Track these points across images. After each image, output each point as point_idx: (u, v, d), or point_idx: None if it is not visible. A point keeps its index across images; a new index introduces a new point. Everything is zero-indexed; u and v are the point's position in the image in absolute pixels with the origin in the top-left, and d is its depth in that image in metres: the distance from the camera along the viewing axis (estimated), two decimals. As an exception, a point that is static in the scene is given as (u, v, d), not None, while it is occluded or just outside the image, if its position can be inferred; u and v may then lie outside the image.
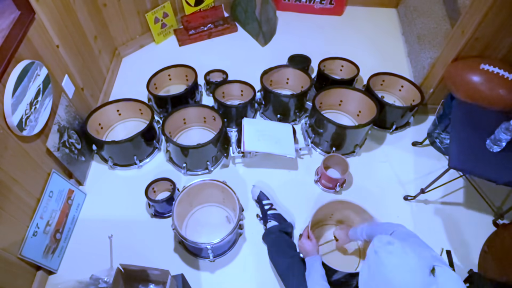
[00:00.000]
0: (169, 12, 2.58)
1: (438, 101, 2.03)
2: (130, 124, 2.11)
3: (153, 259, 1.62)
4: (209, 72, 2.31)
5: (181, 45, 2.65)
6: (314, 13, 2.93)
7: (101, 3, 2.17)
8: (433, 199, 1.85)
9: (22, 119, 1.37)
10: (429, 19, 2.43)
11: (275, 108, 2.10)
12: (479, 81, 1.72)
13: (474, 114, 1.70)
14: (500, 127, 1.50)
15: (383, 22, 2.88)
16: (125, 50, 2.52)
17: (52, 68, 1.63)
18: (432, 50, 2.20)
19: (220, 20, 2.74)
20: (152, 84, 2.17)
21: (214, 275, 1.58)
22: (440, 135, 1.98)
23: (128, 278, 1.32)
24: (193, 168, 1.91)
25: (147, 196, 1.69)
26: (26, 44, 1.44)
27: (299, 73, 2.20)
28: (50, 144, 1.58)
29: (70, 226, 1.69)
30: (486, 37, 1.72)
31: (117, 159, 1.91)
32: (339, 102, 2.16)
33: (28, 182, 1.44)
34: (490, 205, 1.82)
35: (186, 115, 2.03)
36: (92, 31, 2.06)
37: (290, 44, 2.63)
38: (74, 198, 1.73)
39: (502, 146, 1.52)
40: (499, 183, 1.47)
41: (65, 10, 1.76)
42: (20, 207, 1.40)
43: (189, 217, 1.74)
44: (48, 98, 1.56)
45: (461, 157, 1.53)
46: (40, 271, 1.52)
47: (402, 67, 2.50)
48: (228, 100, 2.24)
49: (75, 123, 1.81)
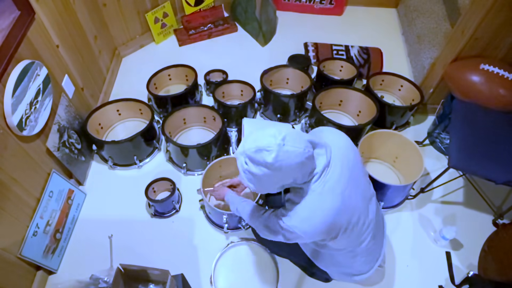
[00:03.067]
0: (169, 12, 2.58)
1: (438, 101, 2.03)
2: (130, 124, 2.11)
3: (153, 259, 1.62)
4: (209, 72, 2.31)
5: (181, 45, 2.65)
6: (314, 13, 2.93)
7: (101, 3, 2.17)
8: (433, 198, 1.85)
9: (22, 119, 1.37)
10: (429, 19, 2.43)
11: (275, 108, 2.10)
12: (479, 81, 1.72)
13: (474, 114, 1.70)
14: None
15: (383, 22, 2.88)
16: (125, 50, 2.52)
17: (52, 68, 1.63)
18: (432, 50, 2.21)
19: (220, 20, 2.74)
20: (152, 84, 2.17)
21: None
22: (440, 135, 1.98)
23: (128, 278, 1.32)
24: (193, 168, 1.91)
25: (147, 196, 1.69)
26: (26, 44, 1.44)
27: (299, 73, 2.20)
28: (50, 144, 1.58)
29: (70, 226, 1.69)
30: (486, 37, 1.72)
31: (117, 159, 1.92)
32: (339, 102, 2.16)
33: (28, 182, 1.44)
34: (490, 205, 1.82)
35: (186, 115, 2.03)
36: (92, 31, 2.06)
37: (290, 44, 2.63)
38: (74, 198, 1.73)
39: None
40: (499, 182, 1.47)
41: (65, 10, 1.76)
42: (20, 207, 1.40)
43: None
44: (48, 98, 1.56)
45: (461, 156, 1.53)
46: (40, 271, 1.52)
47: (402, 67, 2.49)
48: (228, 100, 2.24)
49: (75, 123, 1.81)
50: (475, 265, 1.61)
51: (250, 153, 0.94)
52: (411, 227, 1.74)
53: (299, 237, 1.07)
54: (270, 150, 0.90)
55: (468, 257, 1.65)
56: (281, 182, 0.99)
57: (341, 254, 1.25)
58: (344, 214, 1.06)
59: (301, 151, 0.93)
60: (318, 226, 1.04)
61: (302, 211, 1.04)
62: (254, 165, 0.94)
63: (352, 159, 1.12)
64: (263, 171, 0.93)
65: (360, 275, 1.33)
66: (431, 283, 1.57)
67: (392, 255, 1.65)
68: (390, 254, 1.65)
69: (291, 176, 0.96)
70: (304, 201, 1.04)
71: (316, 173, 1.01)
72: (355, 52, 2.45)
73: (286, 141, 0.91)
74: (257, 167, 0.94)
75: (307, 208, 1.04)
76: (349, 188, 1.06)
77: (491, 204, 1.83)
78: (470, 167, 1.52)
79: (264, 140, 0.92)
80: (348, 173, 1.07)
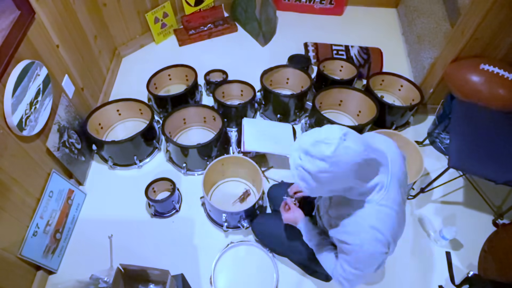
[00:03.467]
0: (169, 12, 2.58)
1: (438, 101, 2.03)
2: (130, 124, 2.11)
3: (153, 259, 1.62)
4: (209, 72, 2.31)
5: (181, 45, 2.65)
6: (314, 13, 2.93)
7: (101, 3, 2.17)
8: (433, 198, 1.85)
9: (22, 119, 1.37)
10: (429, 19, 2.43)
11: (275, 108, 2.10)
12: (479, 81, 1.72)
13: (474, 114, 1.70)
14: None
15: (383, 22, 2.88)
16: (125, 50, 2.52)
17: (52, 68, 1.63)
18: (432, 50, 2.21)
19: (220, 20, 2.74)
20: (152, 84, 2.17)
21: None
22: (440, 135, 1.98)
23: (128, 278, 1.32)
24: (193, 168, 1.91)
25: (147, 196, 1.69)
26: (26, 44, 1.44)
27: (299, 73, 2.20)
28: (50, 144, 1.58)
29: (70, 226, 1.69)
30: (486, 37, 1.72)
31: (117, 159, 1.92)
32: (339, 102, 2.16)
33: (28, 182, 1.44)
34: (490, 205, 1.82)
35: (186, 115, 2.03)
36: (92, 31, 2.06)
37: (290, 44, 2.63)
38: (74, 198, 1.73)
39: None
40: (499, 182, 1.47)
41: (65, 10, 1.76)
42: (20, 207, 1.40)
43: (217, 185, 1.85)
44: (48, 98, 1.56)
45: (461, 156, 1.53)
46: (40, 271, 1.52)
47: (402, 67, 2.50)
48: (228, 100, 2.24)
49: (75, 123, 1.81)
50: (475, 265, 1.61)
51: (307, 146, 0.86)
52: (411, 227, 1.74)
53: (375, 257, 0.98)
54: (330, 143, 0.84)
55: (468, 257, 1.65)
56: (335, 184, 0.90)
57: None
58: (401, 225, 1.01)
59: (361, 150, 0.86)
60: (389, 236, 0.95)
61: (369, 222, 0.96)
62: (309, 160, 0.86)
63: (405, 174, 1.06)
64: (318, 167, 0.85)
65: None
66: (431, 283, 1.58)
67: (392, 255, 1.64)
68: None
69: (346, 177, 0.88)
70: (366, 212, 0.96)
71: (378, 183, 0.94)
72: (355, 52, 2.45)
73: (348, 137, 0.85)
74: (313, 162, 0.86)
75: (374, 217, 0.95)
76: (403, 201, 1.01)
77: (491, 204, 1.83)
78: (470, 167, 1.52)
79: (324, 133, 0.87)
80: (402, 188, 1.01)
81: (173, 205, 1.75)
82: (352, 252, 1.00)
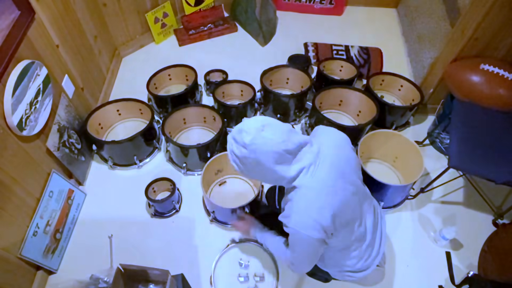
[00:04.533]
0: (169, 12, 2.58)
1: (438, 101, 2.03)
2: (130, 124, 2.11)
3: (153, 259, 1.62)
4: (209, 72, 2.31)
5: (181, 45, 2.65)
6: (314, 13, 2.93)
7: (101, 3, 2.17)
8: (433, 198, 1.85)
9: (22, 119, 1.37)
10: (429, 19, 2.43)
11: (275, 108, 2.10)
12: (479, 81, 1.72)
13: (474, 114, 1.70)
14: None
15: (383, 22, 2.88)
16: (125, 50, 2.52)
17: (52, 68, 1.63)
18: (432, 50, 2.20)
19: (220, 20, 2.74)
20: (152, 84, 2.17)
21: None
22: (440, 135, 1.98)
23: (128, 278, 1.32)
24: (193, 168, 1.91)
25: (147, 196, 1.69)
26: (26, 44, 1.44)
27: (299, 73, 2.20)
28: (50, 144, 1.58)
29: (70, 226, 1.69)
30: (486, 37, 1.72)
31: (117, 159, 1.92)
32: (339, 102, 2.16)
33: (28, 182, 1.44)
34: (490, 205, 1.82)
35: (186, 115, 2.03)
36: (92, 31, 2.06)
37: (290, 44, 2.63)
38: (74, 198, 1.73)
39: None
40: (499, 182, 1.47)
41: (65, 10, 1.76)
42: (20, 207, 1.40)
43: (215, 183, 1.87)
44: (48, 98, 1.56)
45: (461, 156, 1.53)
46: (40, 271, 1.53)
47: (402, 67, 2.49)
48: (228, 100, 2.24)
49: (75, 123, 1.81)
50: (475, 265, 1.62)
51: (234, 133, 1.03)
52: (411, 227, 1.75)
53: (303, 239, 1.07)
54: (249, 132, 0.98)
55: (468, 257, 1.65)
56: (260, 168, 1.02)
57: (338, 252, 1.25)
58: (338, 206, 1.07)
59: (279, 141, 0.98)
60: (317, 217, 1.04)
61: (297, 205, 1.06)
62: (236, 145, 1.03)
63: (344, 157, 1.14)
64: (242, 153, 1.01)
65: (359, 272, 1.33)
66: (431, 283, 1.58)
67: (392, 255, 1.65)
68: (390, 254, 1.65)
69: (268, 162, 1.00)
70: (296, 196, 1.06)
71: (303, 167, 1.04)
72: (355, 52, 2.45)
73: (266, 128, 0.99)
74: (238, 147, 1.02)
75: (301, 200, 1.05)
76: (340, 183, 1.08)
77: (491, 204, 1.83)
78: (470, 167, 1.52)
79: (247, 123, 1.02)
80: (337, 169, 1.09)
81: (173, 205, 1.75)
82: (290, 235, 1.12)
